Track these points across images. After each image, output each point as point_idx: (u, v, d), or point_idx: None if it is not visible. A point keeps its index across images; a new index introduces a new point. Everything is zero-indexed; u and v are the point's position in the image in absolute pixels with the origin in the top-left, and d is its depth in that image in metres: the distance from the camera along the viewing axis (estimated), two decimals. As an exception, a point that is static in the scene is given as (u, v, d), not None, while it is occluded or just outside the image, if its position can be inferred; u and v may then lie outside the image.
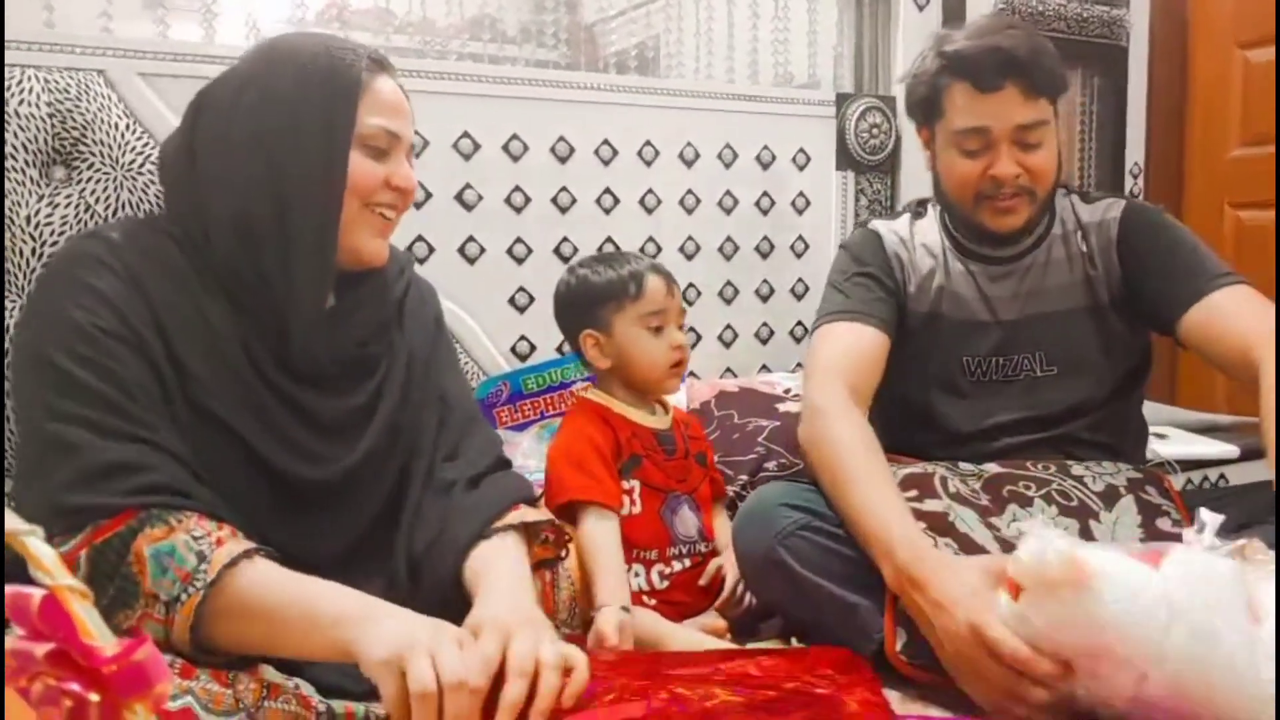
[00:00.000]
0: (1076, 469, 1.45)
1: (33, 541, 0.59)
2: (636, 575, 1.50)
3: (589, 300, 1.56)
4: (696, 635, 1.41)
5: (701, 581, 1.53)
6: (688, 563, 1.54)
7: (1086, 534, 1.35)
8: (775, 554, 1.35)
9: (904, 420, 1.61)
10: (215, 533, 0.99)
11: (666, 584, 1.51)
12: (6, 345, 1.46)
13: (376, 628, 0.92)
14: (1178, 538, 1.33)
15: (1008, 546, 1.33)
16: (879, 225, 1.70)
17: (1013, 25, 1.55)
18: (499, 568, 1.12)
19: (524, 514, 1.20)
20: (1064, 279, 1.57)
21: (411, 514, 1.22)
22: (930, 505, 1.37)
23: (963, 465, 1.47)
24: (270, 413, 1.12)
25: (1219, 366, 1.41)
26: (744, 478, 1.84)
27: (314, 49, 1.14)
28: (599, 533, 1.41)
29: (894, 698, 1.24)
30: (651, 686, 1.08)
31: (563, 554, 1.29)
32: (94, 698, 0.58)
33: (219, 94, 1.15)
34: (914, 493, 1.39)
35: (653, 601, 1.48)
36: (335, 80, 1.12)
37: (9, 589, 0.59)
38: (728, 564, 1.52)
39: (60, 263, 1.11)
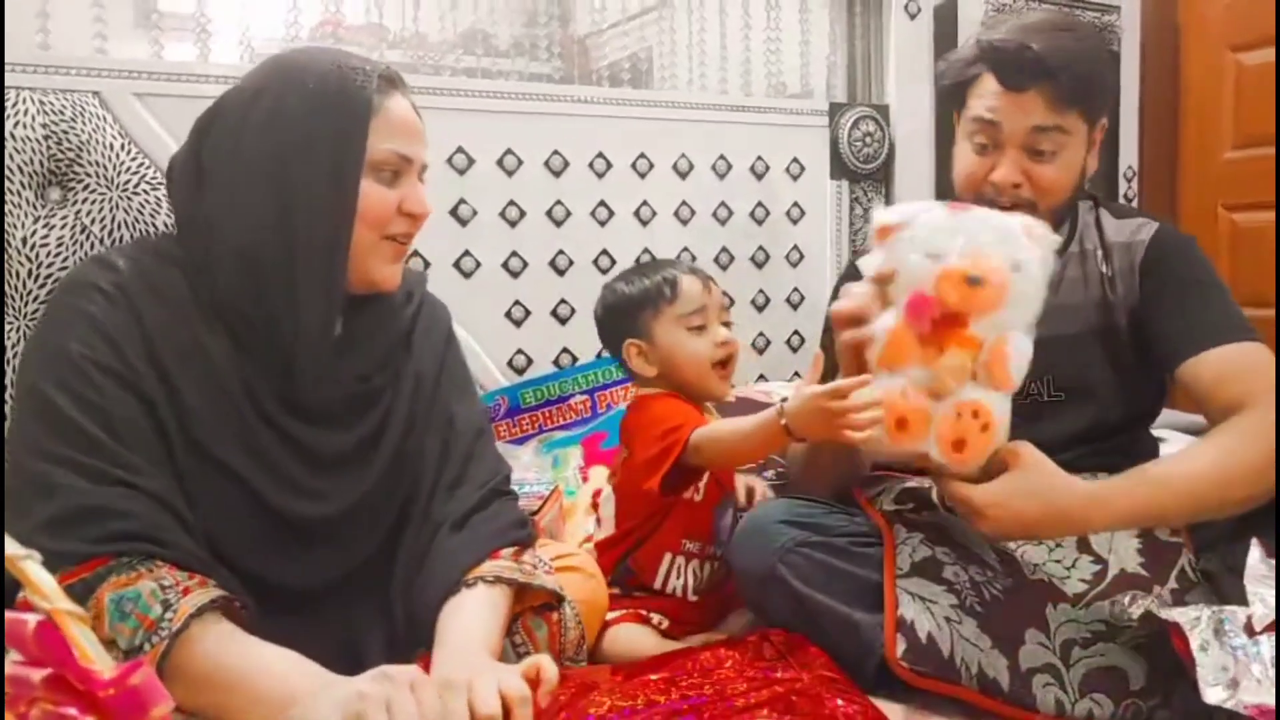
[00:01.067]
0: None
1: (30, 565, 0.60)
2: (678, 575, 1.49)
3: (626, 310, 1.54)
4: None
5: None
6: (715, 565, 1.53)
7: (1084, 544, 1.34)
8: (775, 571, 1.34)
9: None
10: (184, 582, 0.97)
11: (697, 597, 1.51)
12: (6, 369, 1.47)
13: (324, 696, 0.91)
14: (1176, 548, 1.33)
15: (1004, 556, 1.33)
16: (865, 260, 1.65)
17: (1068, 28, 1.45)
18: (451, 633, 1.08)
19: (500, 567, 1.15)
20: (1078, 300, 1.48)
21: (406, 552, 1.20)
22: (928, 517, 1.37)
23: None
24: (269, 450, 1.10)
25: (1208, 421, 1.35)
26: (742, 488, 1.84)
27: (324, 67, 1.10)
28: (705, 430, 1.40)
29: (898, 710, 1.25)
30: (630, 693, 1.12)
31: (561, 599, 1.24)
32: (91, 722, 0.58)
33: (228, 110, 1.11)
34: (910, 505, 1.39)
35: (665, 624, 1.47)
36: (346, 103, 1.08)
37: (6, 615, 0.59)
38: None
39: (64, 290, 1.08)
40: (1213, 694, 1.02)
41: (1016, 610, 1.27)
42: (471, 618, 1.09)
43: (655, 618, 1.46)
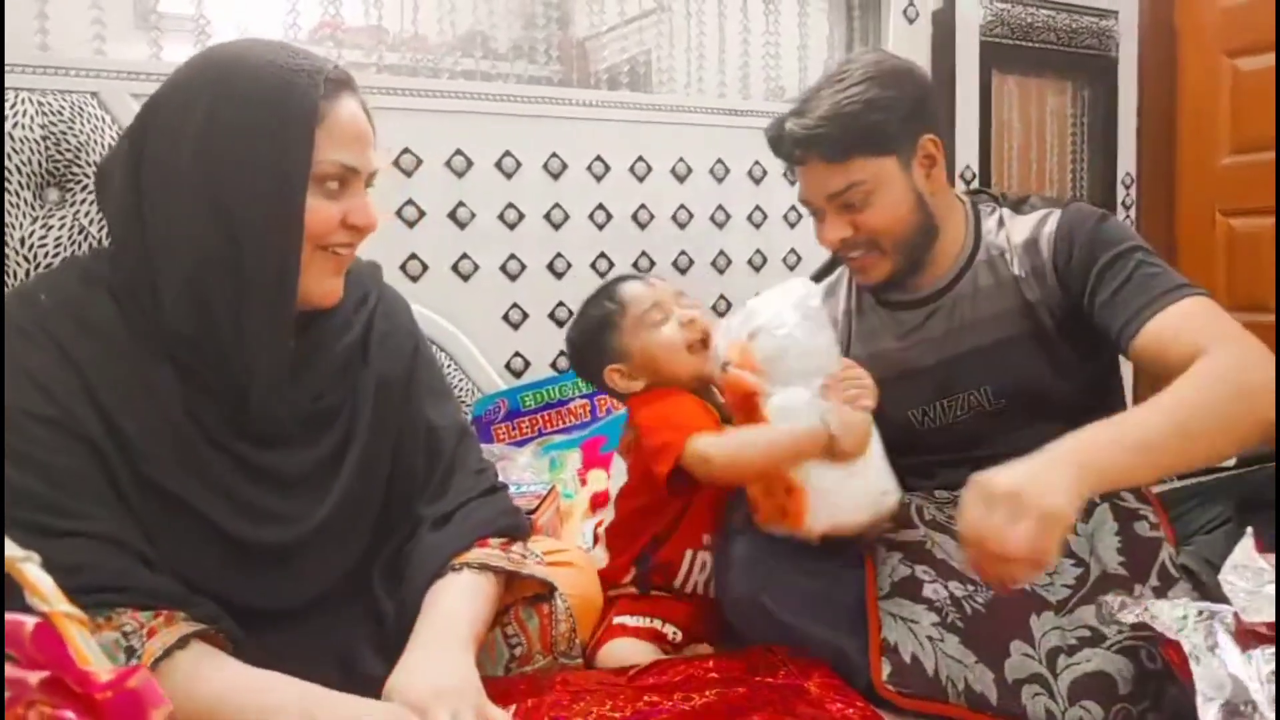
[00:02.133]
0: None
1: (29, 568, 0.59)
2: (701, 570, 1.47)
3: (588, 346, 1.52)
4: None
5: None
6: None
7: (1064, 548, 1.31)
8: (760, 601, 1.33)
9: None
10: (148, 624, 0.94)
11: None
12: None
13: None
14: (1156, 543, 1.32)
15: None
16: None
17: (837, 79, 1.43)
18: (433, 612, 1.06)
19: (488, 554, 1.13)
20: (997, 307, 1.46)
21: (392, 556, 1.18)
22: (907, 535, 1.36)
23: (938, 494, 1.45)
24: (223, 478, 1.05)
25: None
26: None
27: (264, 68, 1.01)
28: (715, 439, 1.35)
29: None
30: (625, 701, 1.11)
31: (552, 590, 1.22)
32: (89, 725, 0.58)
33: (163, 117, 1.02)
34: (889, 524, 1.38)
35: (679, 637, 1.44)
36: (289, 110, 0.99)
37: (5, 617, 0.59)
38: None
39: None
40: (1208, 711, 1.01)
41: (999, 623, 1.26)
42: (456, 599, 1.08)
43: (670, 630, 1.43)
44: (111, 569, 0.95)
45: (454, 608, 1.07)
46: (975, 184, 2.67)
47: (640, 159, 2.28)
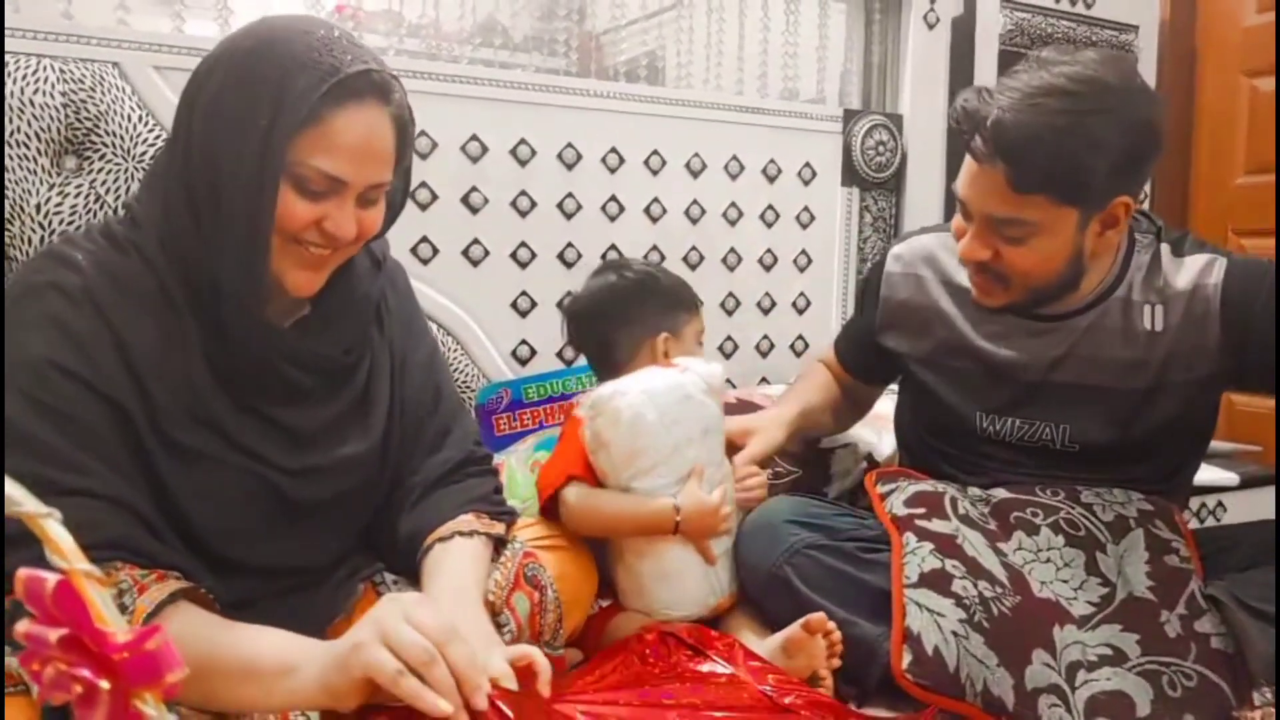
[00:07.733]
0: (1086, 496, 1.40)
1: (50, 525, 0.59)
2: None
3: (668, 302, 1.56)
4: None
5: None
6: None
7: (1093, 566, 1.33)
8: (781, 572, 1.34)
9: (923, 446, 1.61)
10: (141, 580, 0.94)
11: None
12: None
13: (323, 657, 0.91)
14: (1186, 574, 1.32)
15: (1014, 573, 1.32)
16: (904, 245, 1.59)
17: (1049, 88, 1.23)
18: (441, 576, 1.11)
19: (472, 523, 1.18)
20: (1114, 353, 1.39)
21: (397, 513, 1.22)
22: (939, 526, 1.36)
23: (971, 490, 1.46)
24: (245, 436, 1.07)
25: None
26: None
27: (281, 59, 1.02)
28: (581, 491, 1.42)
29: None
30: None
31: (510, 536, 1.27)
32: (104, 685, 0.58)
33: (193, 76, 1.07)
34: (922, 510, 1.38)
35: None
36: (281, 107, 1.00)
37: (25, 572, 0.59)
38: None
39: (25, 294, 1.01)
40: None
41: (1024, 629, 1.26)
42: (462, 562, 1.13)
43: None
44: (112, 532, 0.96)
45: (460, 570, 1.12)
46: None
47: (655, 152, 2.28)
